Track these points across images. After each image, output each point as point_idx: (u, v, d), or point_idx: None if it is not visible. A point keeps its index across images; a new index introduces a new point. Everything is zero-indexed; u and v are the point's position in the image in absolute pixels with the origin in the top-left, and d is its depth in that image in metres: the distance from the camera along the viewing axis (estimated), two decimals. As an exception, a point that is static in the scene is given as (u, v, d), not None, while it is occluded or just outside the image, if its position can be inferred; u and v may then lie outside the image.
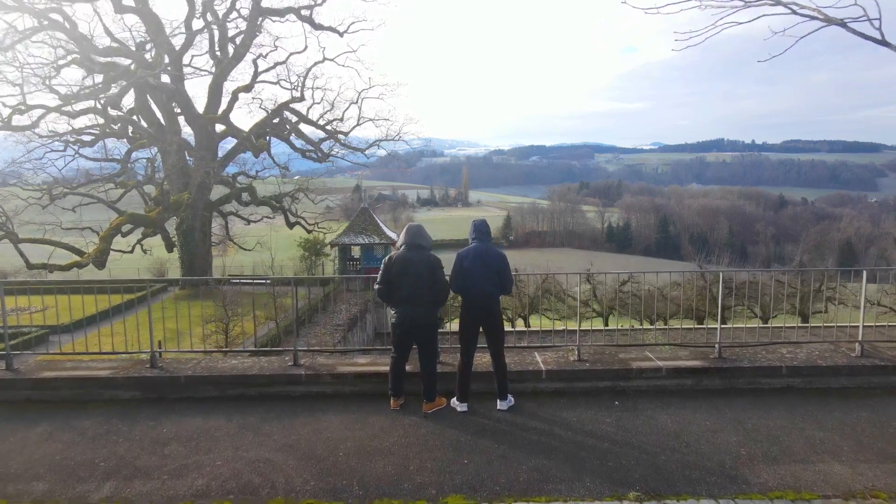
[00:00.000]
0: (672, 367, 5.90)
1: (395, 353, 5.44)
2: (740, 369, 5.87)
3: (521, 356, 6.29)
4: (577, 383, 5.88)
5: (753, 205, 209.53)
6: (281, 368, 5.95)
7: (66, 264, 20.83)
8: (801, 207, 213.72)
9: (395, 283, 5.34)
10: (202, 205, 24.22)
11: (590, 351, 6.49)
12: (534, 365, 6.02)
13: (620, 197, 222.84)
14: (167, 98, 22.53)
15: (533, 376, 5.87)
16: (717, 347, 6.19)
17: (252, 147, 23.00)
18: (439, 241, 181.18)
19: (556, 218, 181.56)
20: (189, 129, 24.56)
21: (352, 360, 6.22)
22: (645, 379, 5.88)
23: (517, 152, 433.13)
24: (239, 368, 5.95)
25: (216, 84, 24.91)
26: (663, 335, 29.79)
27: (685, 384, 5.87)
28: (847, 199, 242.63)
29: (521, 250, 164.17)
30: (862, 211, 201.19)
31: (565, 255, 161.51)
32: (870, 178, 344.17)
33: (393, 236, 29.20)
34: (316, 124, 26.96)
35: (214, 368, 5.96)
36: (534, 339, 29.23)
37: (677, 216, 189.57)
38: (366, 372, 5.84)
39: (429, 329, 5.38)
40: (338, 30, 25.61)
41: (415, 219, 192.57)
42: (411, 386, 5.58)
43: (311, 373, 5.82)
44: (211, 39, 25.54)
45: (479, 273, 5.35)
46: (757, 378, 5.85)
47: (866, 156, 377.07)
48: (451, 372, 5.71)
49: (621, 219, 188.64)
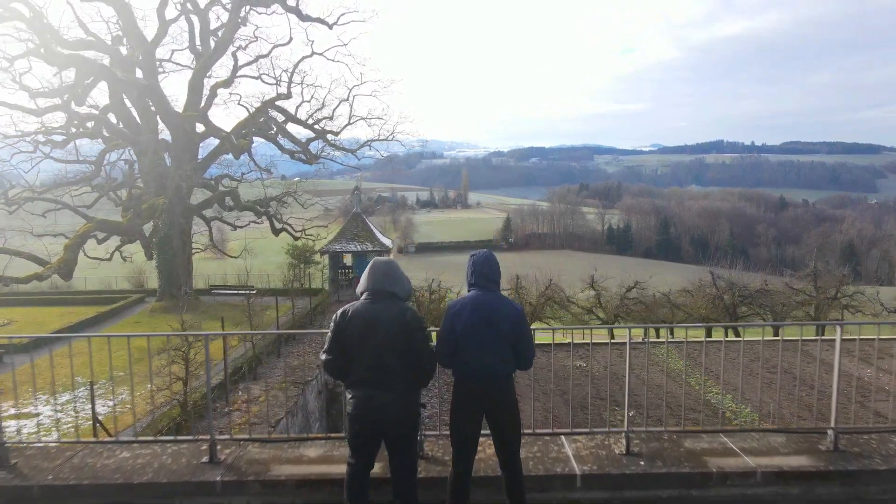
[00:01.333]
0: (771, 470, 3.97)
1: (352, 458, 3.52)
2: (873, 473, 3.95)
3: (543, 448, 4.35)
4: (628, 492, 3.96)
5: (754, 206, 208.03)
6: (189, 469, 4.03)
7: (25, 277, 18.93)
8: (803, 209, 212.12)
9: (351, 354, 3.45)
10: (180, 210, 22.33)
11: (642, 437, 4.55)
12: (563, 464, 4.09)
13: (620, 198, 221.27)
14: (139, 94, 20.65)
15: (563, 483, 3.94)
16: (833, 435, 4.25)
17: (232, 147, 21.14)
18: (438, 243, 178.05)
19: (556, 220, 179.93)
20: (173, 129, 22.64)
21: (297, 454, 4.29)
22: (730, 486, 3.95)
23: (516, 154, 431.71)
24: (127, 469, 4.03)
25: (197, 80, 23.03)
26: (676, 349, 27.93)
27: (790, 494, 3.94)
28: (847, 200, 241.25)
29: (520, 252, 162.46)
30: (863, 213, 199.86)
31: (566, 258, 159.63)
32: (870, 179, 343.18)
33: (387, 242, 27.30)
34: (304, 123, 25.04)
35: (90, 470, 4.04)
36: (538, 352, 26.94)
37: (678, 218, 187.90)
38: (314, 477, 3.93)
39: (404, 425, 3.46)
40: (326, 21, 23.76)
41: (414, 221, 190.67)
42: (380, 496, 3.69)
43: (231, 479, 3.90)
44: (191, 31, 23.67)
45: (482, 339, 3.46)
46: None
47: (866, 157, 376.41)
48: (438, 478, 3.81)
49: (621, 220, 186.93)
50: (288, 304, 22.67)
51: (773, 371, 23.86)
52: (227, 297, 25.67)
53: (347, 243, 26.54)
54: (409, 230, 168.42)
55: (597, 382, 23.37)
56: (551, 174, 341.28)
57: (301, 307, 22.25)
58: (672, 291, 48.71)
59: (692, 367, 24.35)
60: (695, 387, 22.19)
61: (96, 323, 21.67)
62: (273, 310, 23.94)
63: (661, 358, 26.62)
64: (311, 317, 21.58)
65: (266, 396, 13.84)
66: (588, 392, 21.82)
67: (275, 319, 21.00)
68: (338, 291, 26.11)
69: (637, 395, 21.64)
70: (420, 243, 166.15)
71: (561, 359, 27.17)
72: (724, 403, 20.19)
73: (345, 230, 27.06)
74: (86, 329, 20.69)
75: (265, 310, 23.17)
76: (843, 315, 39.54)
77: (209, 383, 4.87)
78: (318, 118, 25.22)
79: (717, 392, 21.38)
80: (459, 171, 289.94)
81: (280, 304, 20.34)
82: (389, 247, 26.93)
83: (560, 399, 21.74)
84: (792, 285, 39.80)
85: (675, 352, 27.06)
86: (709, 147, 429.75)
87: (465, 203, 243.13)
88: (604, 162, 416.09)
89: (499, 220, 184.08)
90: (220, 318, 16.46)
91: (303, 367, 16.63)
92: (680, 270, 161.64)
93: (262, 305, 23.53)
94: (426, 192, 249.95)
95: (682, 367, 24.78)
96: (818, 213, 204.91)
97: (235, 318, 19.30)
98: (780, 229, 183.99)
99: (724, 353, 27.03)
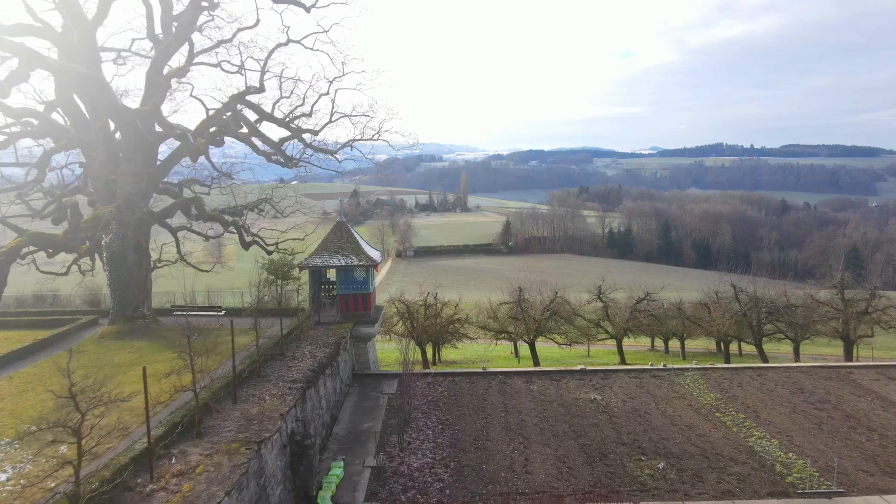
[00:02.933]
0: None
1: None
2: None
3: None
4: None
5: (755, 209, 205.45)
6: None
7: (-61, 300, 15.85)
8: (804, 212, 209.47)
9: None
10: (134, 220, 19.26)
11: None
12: None
13: (621, 202, 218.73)
14: (78, 86, 17.59)
15: None
16: None
17: (188, 148, 18.02)
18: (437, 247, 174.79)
19: (556, 223, 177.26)
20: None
21: None
22: None
23: (516, 157, 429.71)
24: None
25: (154, 71, 19.98)
26: (703, 377, 24.79)
27: None
28: (848, 203, 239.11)
29: (521, 256, 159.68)
30: (864, 215, 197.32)
31: (567, 262, 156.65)
32: (869, 182, 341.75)
33: (375, 255, 24.21)
34: (277, 120, 21.91)
35: None
36: (545, 381, 23.96)
37: (679, 221, 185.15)
38: None
39: None
40: (303, 3, 20.69)
41: (413, 224, 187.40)
42: None
43: None
44: (149, 16, 20.63)
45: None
46: None
47: (865, 160, 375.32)
48: None
49: (622, 224, 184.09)
50: (270, 324, 19.57)
51: (820, 407, 20.80)
52: (196, 318, 22.56)
53: (330, 257, 23.44)
54: (408, 234, 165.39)
55: (616, 421, 20.29)
56: (550, 177, 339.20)
57: (273, 333, 19.11)
58: (683, 302, 45.74)
59: (724, 402, 21.23)
60: (732, 429, 19.04)
61: (32, 353, 18.52)
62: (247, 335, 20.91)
63: (686, 388, 23.51)
64: (284, 344, 18.43)
65: (204, 467, 10.73)
66: (606, 434, 18.83)
67: (245, 346, 17.85)
68: (319, 312, 22.99)
69: (664, 437, 18.55)
70: (419, 247, 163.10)
71: (572, 389, 24.09)
72: (770, 452, 17.11)
73: (327, 242, 23.96)
74: (14, 363, 17.51)
75: (239, 334, 20.08)
76: (873, 331, 36.39)
77: None
78: (296, 115, 22.13)
79: (759, 436, 18.25)
80: (458, 174, 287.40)
81: (261, 325, 17.14)
82: (377, 260, 23.85)
83: (574, 444, 18.62)
84: (815, 296, 36.73)
85: (701, 381, 23.95)
86: (708, 150, 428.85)
87: (464, 206, 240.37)
88: (603, 165, 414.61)
89: (498, 223, 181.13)
90: (183, 346, 13.38)
91: (263, 415, 13.53)
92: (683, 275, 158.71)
93: (238, 329, 20.45)
94: (425, 196, 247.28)
95: (713, 401, 21.71)
96: (820, 216, 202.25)
97: (198, 346, 16.18)
98: (783, 233, 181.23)
99: (759, 383, 23.99)
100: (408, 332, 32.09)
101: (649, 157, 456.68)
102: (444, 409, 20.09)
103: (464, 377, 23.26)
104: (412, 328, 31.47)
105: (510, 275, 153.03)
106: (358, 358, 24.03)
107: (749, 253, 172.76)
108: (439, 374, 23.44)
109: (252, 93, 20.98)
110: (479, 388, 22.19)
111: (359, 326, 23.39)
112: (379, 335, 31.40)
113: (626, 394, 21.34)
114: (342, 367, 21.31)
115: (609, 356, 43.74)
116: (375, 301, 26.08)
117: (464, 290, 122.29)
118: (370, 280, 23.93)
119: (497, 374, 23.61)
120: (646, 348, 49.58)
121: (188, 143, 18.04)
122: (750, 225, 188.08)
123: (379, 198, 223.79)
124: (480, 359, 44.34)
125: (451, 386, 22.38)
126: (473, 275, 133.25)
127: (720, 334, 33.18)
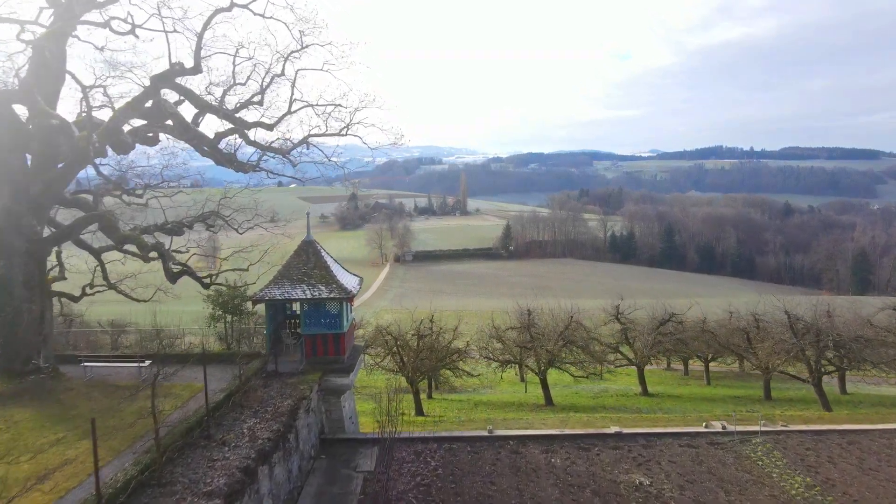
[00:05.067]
0: None
1: None
2: None
3: None
4: None
5: (758, 212, 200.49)
6: None
7: None
8: (808, 215, 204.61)
9: None
10: (22, 244, 14.02)
11: None
12: None
13: (621, 204, 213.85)
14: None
15: None
16: None
17: (70, 146, 12.77)
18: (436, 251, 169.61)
19: (557, 227, 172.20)
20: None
21: None
22: None
23: (515, 160, 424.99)
24: None
25: (53, 42, 14.66)
26: (776, 446, 19.50)
27: None
28: (849, 206, 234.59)
29: (522, 261, 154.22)
30: (867, 218, 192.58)
31: (569, 267, 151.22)
32: (869, 184, 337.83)
33: (351, 286, 18.86)
34: (218, 111, 16.50)
35: None
36: (571, 450, 17.99)
37: (681, 224, 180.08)
38: None
39: None
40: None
41: (412, 228, 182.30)
42: None
43: None
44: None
45: None
46: None
47: (865, 162, 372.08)
48: None
49: (624, 227, 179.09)
50: (224, 370, 14.22)
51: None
52: (113, 370, 17.24)
53: (292, 287, 18.12)
54: (407, 238, 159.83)
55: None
56: (550, 180, 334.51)
57: (220, 379, 13.82)
58: (708, 321, 40.48)
59: (819, 490, 15.73)
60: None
61: None
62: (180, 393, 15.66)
63: (759, 465, 17.92)
64: (209, 421, 13.02)
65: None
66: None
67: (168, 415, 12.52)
68: (276, 359, 17.62)
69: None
70: (418, 252, 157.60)
71: (607, 465, 18.47)
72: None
73: (290, 267, 18.64)
74: None
75: (166, 395, 14.77)
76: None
77: None
78: (241, 103, 16.83)
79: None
80: (458, 176, 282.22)
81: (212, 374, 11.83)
82: (353, 291, 18.52)
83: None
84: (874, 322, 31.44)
85: (776, 453, 18.61)
86: (708, 152, 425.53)
87: (463, 209, 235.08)
88: (603, 168, 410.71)
89: (498, 227, 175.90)
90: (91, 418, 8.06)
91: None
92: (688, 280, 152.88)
93: (171, 385, 15.17)
94: (424, 199, 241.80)
95: (801, 489, 16.41)
96: (824, 219, 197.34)
97: (102, 417, 10.94)
98: (787, 236, 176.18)
99: (856, 457, 18.45)
100: (397, 366, 26.80)
101: (648, 159, 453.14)
102: (439, 498, 14.83)
103: (464, 444, 17.96)
104: (402, 364, 26.13)
105: (512, 280, 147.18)
106: (329, 416, 18.64)
107: (754, 257, 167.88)
108: (432, 440, 18.10)
109: (180, 73, 15.61)
110: (485, 461, 16.91)
111: (330, 377, 18.04)
112: (364, 365, 26.15)
113: (680, 474, 16.03)
114: (303, 437, 15.94)
115: (626, 380, 38.59)
116: (353, 341, 20.75)
117: (464, 298, 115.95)
118: (344, 316, 18.57)
119: (507, 439, 18.28)
120: (661, 367, 44.51)
121: (71, 140, 12.72)
122: (754, 228, 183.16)
123: (377, 201, 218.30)
124: (483, 385, 39.03)
125: (448, 457, 17.09)
126: (473, 281, 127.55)
127: (765, 370, 27.89)
